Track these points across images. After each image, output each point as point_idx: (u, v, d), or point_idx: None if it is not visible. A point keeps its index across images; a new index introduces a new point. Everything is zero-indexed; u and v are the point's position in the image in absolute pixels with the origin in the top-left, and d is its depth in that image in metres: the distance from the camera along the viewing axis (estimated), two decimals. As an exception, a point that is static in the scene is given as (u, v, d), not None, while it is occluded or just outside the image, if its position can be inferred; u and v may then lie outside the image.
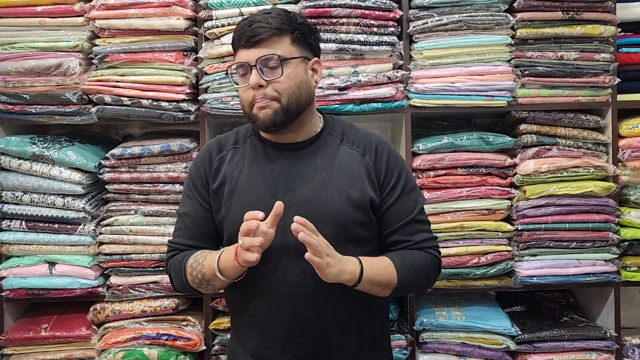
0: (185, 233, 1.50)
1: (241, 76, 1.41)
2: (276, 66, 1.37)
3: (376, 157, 1.47)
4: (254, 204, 1.39)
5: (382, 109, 2.16)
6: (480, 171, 2.17)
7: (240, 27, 1.40)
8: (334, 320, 1.43)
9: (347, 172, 1.44)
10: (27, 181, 2.15)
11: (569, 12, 2.14)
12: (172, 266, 1.49)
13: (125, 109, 2.16)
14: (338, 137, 1.49)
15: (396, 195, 1.46)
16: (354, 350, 1.46)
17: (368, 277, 1.36)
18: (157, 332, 2.15)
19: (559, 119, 2.18)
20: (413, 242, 1.47)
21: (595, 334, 2.16)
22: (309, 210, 1.38)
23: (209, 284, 1.42)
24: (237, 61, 1.40)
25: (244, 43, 1.38)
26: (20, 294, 2.18)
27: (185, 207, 1.52)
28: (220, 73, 2.15)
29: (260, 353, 1.45)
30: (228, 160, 1.49)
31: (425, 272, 1.46)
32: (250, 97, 1.39)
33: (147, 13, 2.13)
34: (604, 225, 2.16)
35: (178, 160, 2.18)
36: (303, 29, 1.42)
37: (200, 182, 1.49)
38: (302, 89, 1.41)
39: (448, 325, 2.13)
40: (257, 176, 1.44)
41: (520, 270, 2.16)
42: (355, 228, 1.43)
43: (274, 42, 1.38)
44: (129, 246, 2.18)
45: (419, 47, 2.15)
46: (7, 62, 2.16)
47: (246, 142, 1.51)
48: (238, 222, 1.34)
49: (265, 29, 1.37)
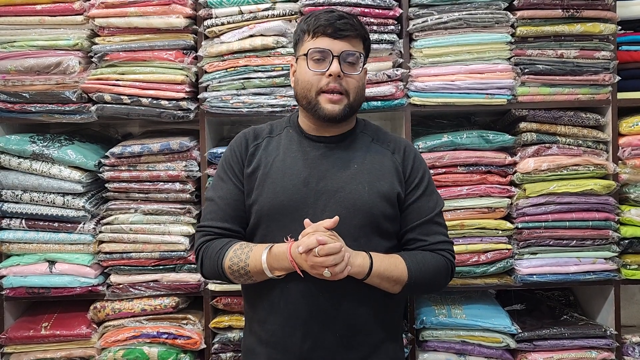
0: (218, 215, 1.52)
1: (315, 61, 1.45)
2: (354, 63, 1.47)
3: (404, 156, 1.55)
4: (286, 189, 1.45)
5: (382, 107, 2.16)
6: (480, 169, 2.17)
7: (328, 16, 1.45)
8: (355, 308, 1.45)
9: (378, 166, 1.51)
10: (27, 180, 2.15)
11: (569, 10, 2.14)
12: (207, 254, 1.49)
13: (125, 108, 2.16)
14: (370, 135, 1.58)
15: (418, 193, 1.52)
16: (373, 339, 1.48)
17: (378, 272, 1.40)
18: (157, 331, 2.15)
19: (559, 117, 2.18)
20: (428, 242, 1.51)
21: (595, 332, 2.16)
22: (340, 200, 1.44)
23: (250, 278, 1.45)
24: (321, 47, 1.44)
25: (330, 32, 1.44)
26: (20, 292, 2.18)
27: (218, 190, 1.54)
28: (220, 71, 2.15)
29: (279, 340, 1.46)
30: (263, 147, 1.54)
31: (437, 274, 1.49)
32: (322, 84, 1.44)
33: (146, 11, 2.13)
34: (604, 223, 2.16)
35: (178, 159, 2.17)
36: (369, 40, 1.54)
37: (237, 165, 1.53)
38: (363, 90, 1.53)
39: (448, 323, 2.13)
40: (291, 163, 1.49)
41: (520, 269, 2.16)
42: (382, 220, 1.47)
43: (356, 42, 1.48)
44: (129, 245, 2.18)
45: (418, 45, 2.15)
46: (7, 61, 2.16)
47: (281, 133, 1.57)
48: (268, 205, 1.43)
49: (354, 27, 1.46)
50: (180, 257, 2.17)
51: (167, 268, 2.19)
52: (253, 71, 2.14)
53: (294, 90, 1.53)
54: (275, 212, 1.46)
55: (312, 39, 1.46)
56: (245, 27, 2.14)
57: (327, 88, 1.44)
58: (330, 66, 1.43)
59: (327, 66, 1.44)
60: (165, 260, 2.18)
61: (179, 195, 2.17)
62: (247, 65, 2.13)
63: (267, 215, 1.46)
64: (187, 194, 2.16)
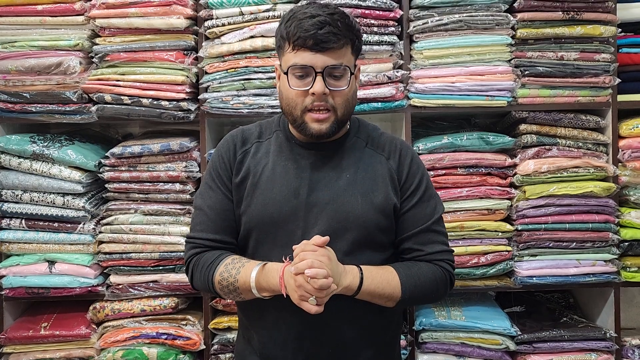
0: (207, 227, 1.43)
1: (297, 77, 1.33)
2: (340, 76, 1.33)
3: (399, 161, 1.45)
4: (275, 200, 1.38)
5: (382, 108, 2.16)
6: (480, 171, 2.17)
7: (307, 26, 1.29)
8: (347, 323, 1.40)
9: (372, 175, 1.42)
10: (27, 180, 2.15)
11: (569, 12, 2.14)
12: (197, 267, 1.42)
13: (126, 108, 2.16)
14: (364, 140, 1.47)
15: (414, 200, 1.43)
16: (365, 355, 1.44)
17: (368, 290, 1.33)
18: (157, 331, 2.15)
19: (559, 119, 2.18)
20: (425, 252, 1.42)
21: (595, 334, 2.16)
22: (332, 212, 1.37)
23: (239, 295, 1.38)
24: (301, 63, 1.31)
25: (310, 45, 1.29)
26: (20, 292, 2.18)
27: (207, 199, 1.45)
28: (220, 72, 2.15)
29: (270, 353, 1.43)
30: (252, 154, 1.45)
31: (434, 287, 1.41)
32: (307, 102, 1.33)
33: (147, 12, 2.13)
34: (604, 225, 2.16)
35: (178, 160, 2.18)
36: (360, 38, 1.39)
37: (226, 173, 1.44)
38: (354, 98, 1.40)
39: (447, 325, 2.13)
40: (281, 172, 1.41)
41: (520, 271, 2.16)
42: (377, 233, 1.40)
43: (342, 52, 1.33)
44: (129, 245, 2.18)
45: (419, 47, 2.15)
46: (8, 61, 2.17)
47: (271, 137, 1.47)
48: (257, 217, 1.36)
49: (338, 36, 1.30)
50: (180, 257, 2.17)
51: (166, 269, 2.19)
52: (253, 72, 2.14)
53: (279, 102, 1.41)
54: (265, 224, 1.39)
55: (293, 51, 1.32)
56: (246, 28, 2.14)
57: (312, 106, 1.33)
58: (313, 84, 1.30)
59: (310, 83, 1.31)
60: (164, 261, 2.18)
61: (179, 196, 2.17)
62: (247, 66, 2.13)
63: (257, 227, 1.39)
64: (187, 194, 2.16)
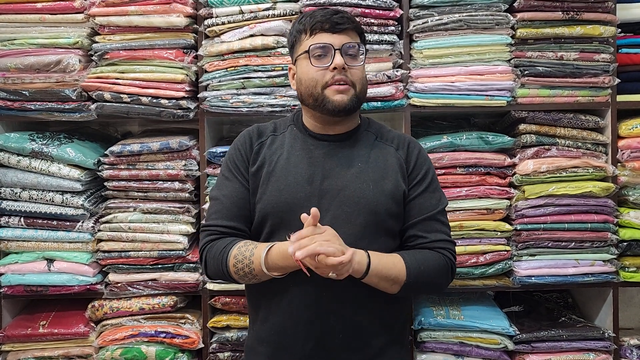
0: (224, 214, 1.50)
1: (316, 58, 1.46)
2: (355, 55, 1.48)
3: (408, 151, 1.55)
4: (290, 187, 1.45)
5: (381, 107, 2.16)
6: (480, 171, 2.17)
7: (323, 13, 1.47)
8: (359, 309, 1.45)
9: (382, 164, 1.51)
10: (26, 178, 2.15)
11: (569, 12, 2.14)
12: (211, 254, 1.47)
13: (125, 106, 2.16)
14: (374, 133, 1.57)
15: (421, 189, 1.51)
16: (377, 342, 1.47)
17: (375, 270, 1.38)
18: (155, 330, 2.15)
19: (558, 119, 2.18)
20: (429, 240, 1.49)
21: (594, 334, 2.16)
22: (344, 198, 1.44)
23: (254, 277, 1.42)
24: (320, 42, 1.45)
25: (328, 27, 1.45)
26: (19, 290, 2.18)
27: (223, 189, 1.53)
28: (220, 71, 2.15)
29: (281, 340, 1.46)
30: (268, 145, 1.54)
31: (437, 273, 1.47)
32: (327, 78, 1.44)
33: (147, 10, 2.13)
34: (603, 225, 2.16)
35: (177, 158, 2.17)
36: (364, 33, 1.55)
37: (243, 163, 1.53)
38: (367, 82, 1.56)
39: (446, 324, 2.13)
40: (295, 161, 1.49)
41: (518, 270, 2.16)
42: (387, 219, 1.47)
43: (354, 35, 1.50)
44: (128, 243, 2.17)
45: (419, 46, 2.15)
46: (7, 59, 2.16)
47: (285, 131, 1.57)
48: (272, 203, 1.43)
49: (351, 19, 1.49)
50: (179, 256, 2.17)
51: (165, 267, 2.19)
52: (253, 71, 2.14)
53: (298, 92, 1.53)
54: (279, 210, 1.45)
55: (311, 36, 1.46)
56: (246, 26, 2.14)
57: (333, 81, 1.44)
58: (333, 60, 1.43)
59: (329, 61, 1.44)
60: (163, 259, 2.18)
61: (178, 194, 2.17)
62: (247, 64, 2.13)
63: (272, 214, 1.46)
64: (186, 193, 2.16)
